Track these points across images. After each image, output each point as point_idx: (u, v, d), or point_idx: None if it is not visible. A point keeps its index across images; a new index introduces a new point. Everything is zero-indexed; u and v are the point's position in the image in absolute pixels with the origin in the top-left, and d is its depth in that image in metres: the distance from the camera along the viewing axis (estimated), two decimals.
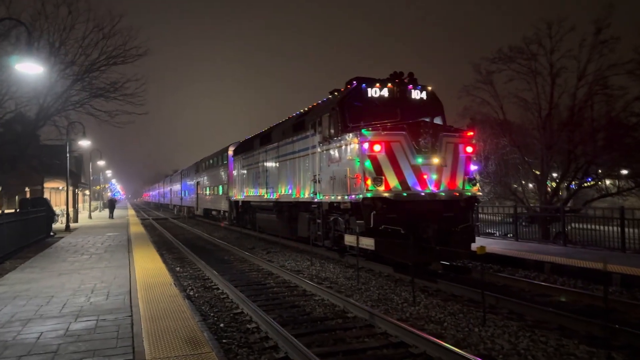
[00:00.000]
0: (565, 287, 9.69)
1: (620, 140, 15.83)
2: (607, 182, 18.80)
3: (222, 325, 7.39)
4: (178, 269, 13.21)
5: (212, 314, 8.08)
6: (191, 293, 9.80)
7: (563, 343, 6.27)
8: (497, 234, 18.86)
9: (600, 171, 17.37)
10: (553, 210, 17.14)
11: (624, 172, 17.95)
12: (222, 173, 29.51)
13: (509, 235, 18.39)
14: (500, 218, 19.88)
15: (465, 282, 10.29)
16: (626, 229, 12.49)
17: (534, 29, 17.61)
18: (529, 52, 17.42)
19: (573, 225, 15.27)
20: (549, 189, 17.51)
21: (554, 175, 17.77)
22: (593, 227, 14.38)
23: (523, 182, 18.79)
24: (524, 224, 17.76)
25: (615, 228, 13.02)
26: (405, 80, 12.94)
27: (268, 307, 8.50)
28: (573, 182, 17.85)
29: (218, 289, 10.32)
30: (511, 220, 19.74)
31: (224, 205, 29.26)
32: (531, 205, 18.79)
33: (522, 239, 16.08)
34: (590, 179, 17.37)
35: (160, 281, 9.39)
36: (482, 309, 8.05)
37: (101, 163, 47.36)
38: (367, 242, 10.19)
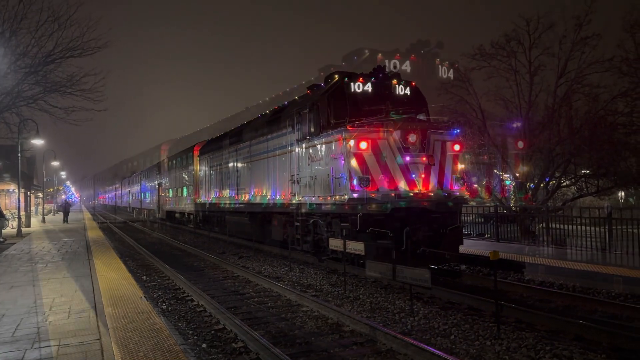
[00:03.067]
0: (564, 291, 9.24)
1: (598, 140, 15.73)
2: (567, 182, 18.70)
3: (204, 345, 6.49)
4: (145, 277, 12.15)
5: (190, 332, 7.17)
6: (164, 307, 8.81)
7: (590, 358, 5.69)
8: (473, 235, 18.51)
9: (576, 169, 17.29)
10: (534, 211, 16.88)
11: (586, 171, 17.97)
12: (187, 174, 28.22)
13: (486, 236, 18.05)
14: (471, 218, 19.56)
15: (460, 287, 9.73)
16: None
17: (513, 25, 17.38)
18: (509, 48, 17.16)
19: (553, 225, 14.98)
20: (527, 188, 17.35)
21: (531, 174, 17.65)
22: (569, 227, 14.13)
23: (500, 181, 18.58)
24: (492, 222, 17.39)
25: (593, 228, 12.79)
26: (389, 75, 12.32)
27: (252, 321, 7.66)
28: (551, 182, 17.69)
29: (192, 300, 9.39)
30: (483, 220, 19.51)
31: (188, 208, 27.98)
32: (511, 205, 18.50)
33: (502, 239, 15.69)
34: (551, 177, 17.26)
35: (128, 293, 8.38)
36: (487, 319, 7.53)
37: (55, 164, 44.92)
38: (357, 247, 9.44)
